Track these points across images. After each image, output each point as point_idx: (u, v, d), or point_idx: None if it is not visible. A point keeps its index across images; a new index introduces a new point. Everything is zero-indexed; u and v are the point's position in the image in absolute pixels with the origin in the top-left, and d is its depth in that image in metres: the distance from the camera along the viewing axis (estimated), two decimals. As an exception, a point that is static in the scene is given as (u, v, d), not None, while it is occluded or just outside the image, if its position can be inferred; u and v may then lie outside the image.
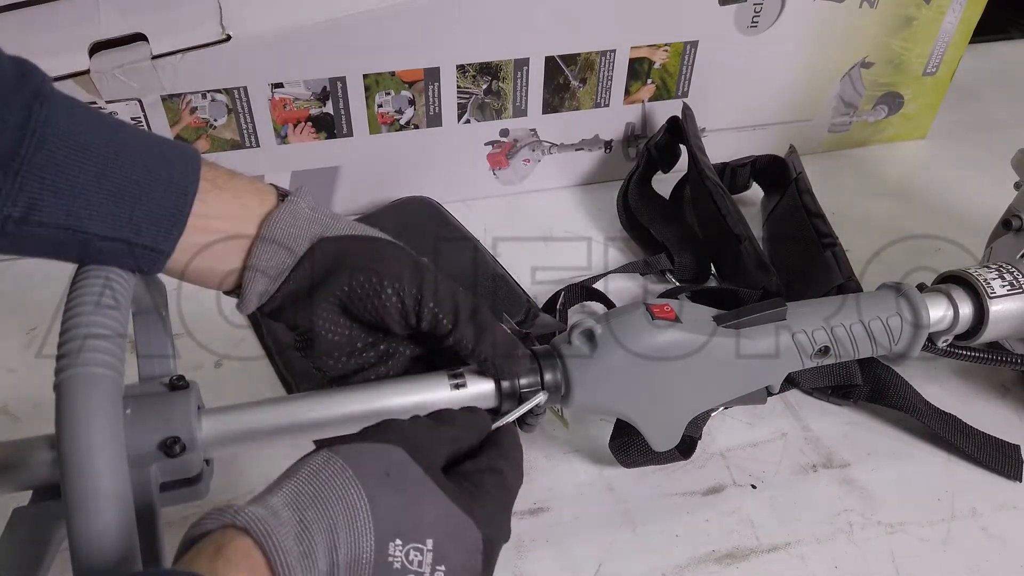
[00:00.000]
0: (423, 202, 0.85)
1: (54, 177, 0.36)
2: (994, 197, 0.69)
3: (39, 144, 0.36)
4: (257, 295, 0.45)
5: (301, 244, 0.44)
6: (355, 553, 0.35)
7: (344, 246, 0.45)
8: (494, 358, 0.46)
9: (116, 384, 0.35)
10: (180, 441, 0.40)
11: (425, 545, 0.37)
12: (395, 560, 0.36)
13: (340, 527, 0.35)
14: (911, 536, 0.57)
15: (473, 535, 0.39)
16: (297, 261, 0.44)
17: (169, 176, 0.40)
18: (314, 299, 0.45)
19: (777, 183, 0.86)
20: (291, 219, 0.44)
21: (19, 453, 0.41)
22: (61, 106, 0.37)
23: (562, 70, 0.82)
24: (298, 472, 0.37)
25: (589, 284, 0.74)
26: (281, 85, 0.74)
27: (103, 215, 0.38)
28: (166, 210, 0.40)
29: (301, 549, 0.34)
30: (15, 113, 0.35)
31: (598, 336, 0.50)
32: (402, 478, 0.38)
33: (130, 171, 0.38)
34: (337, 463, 0.37)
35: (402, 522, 0.37)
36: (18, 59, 0.37)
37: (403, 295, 0.44)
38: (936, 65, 0.96)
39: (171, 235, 0.40)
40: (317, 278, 0.44)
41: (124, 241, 0.39)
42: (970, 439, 0.63)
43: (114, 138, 0.39)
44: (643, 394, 0.52)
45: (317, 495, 0.36)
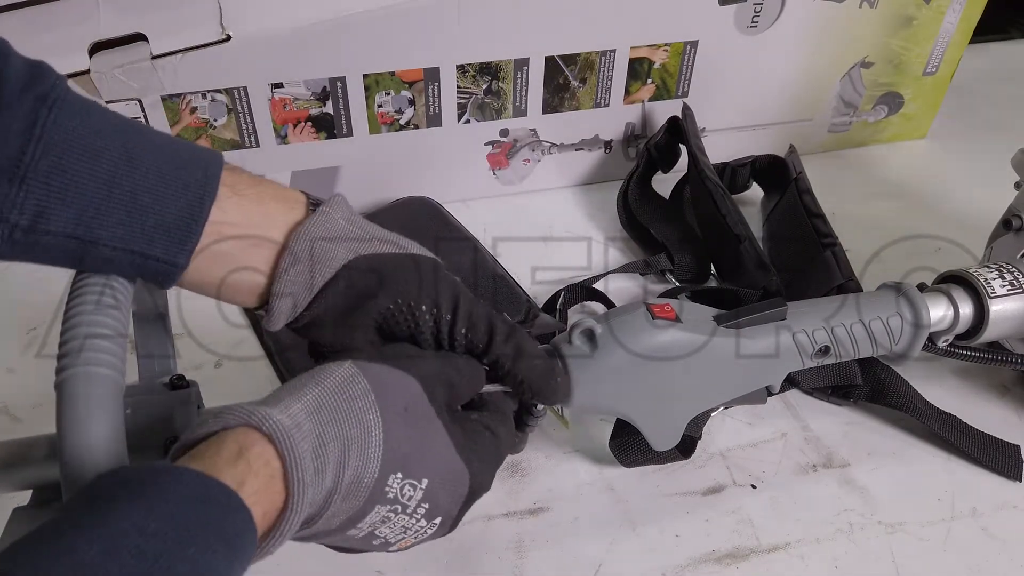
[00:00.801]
0: (423, 202, 0.85)
1: (61, 183, 0.35)
2: (994, 197, 0.69)
3: (45, 150, 0.34)
4: (286, 312, 0.42)
5: (335, 261, 0.42)
6: (358, 476, 0.36)
7: (383, 265, 0.43)
8: (530, 381, 0.45)
9: (117, 384, 0.35)
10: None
11: (420, 483, 0.38)
12: (390, 491, 0.37)
13: (353, 449, 0.35)
14: (911, 536, 0.57)
15: (463, 484, 0.40)
16: (330, 279, 0.42)
17: (185, 183, 0.38)
18: (349, 322, 0.43)
19: (777, 183, 0.86)
20: (324, 232, 0.42)
21: (19, 452, 0.41)
22: (72, 110, 0.36)
23: (562, 70, 0.82)
24: (323, 382, 0.36)
25: (589, 284, 0.74)
26: (281, 85, 0.74)
27: (114, 224, 0.36)
28: (179, 218, 0.38)
29: (316, 464, 0.34)
30: (20, 118, 0.34)
31: (598, 336, 0.50)
32: (417, 415, 0.38)
33: (143, 177, 0.37)
34: (362, 384, 0.37)
35: (408, 458, 0.37)
36: (34, 62, 0.36)
37: (439, 320, 0.43)
38: (936, 65, 0.96)
39: (184, 245, 0.38)
40: (352, 301, 0.42)
41: (136, 252, 0.37)
42: (970, 439, 0.63)
43: (128, 143, 0.37)
44: (643, 394, 0.52)
45: (338, 412, 0.36)
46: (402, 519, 0.38)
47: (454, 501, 0.40)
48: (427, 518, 0.39)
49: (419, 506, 0.38)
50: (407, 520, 0.39)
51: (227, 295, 0.42)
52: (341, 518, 0.37)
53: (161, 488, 0.29)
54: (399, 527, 0.39)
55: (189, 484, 0.30)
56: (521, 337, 0.45)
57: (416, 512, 0.39)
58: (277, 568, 0.52)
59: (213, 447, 0.33)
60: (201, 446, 0.33)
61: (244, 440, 0.33)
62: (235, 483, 0.31)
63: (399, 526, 0.39)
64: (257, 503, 0.32)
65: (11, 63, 0.35)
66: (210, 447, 0.33)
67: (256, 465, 0.32)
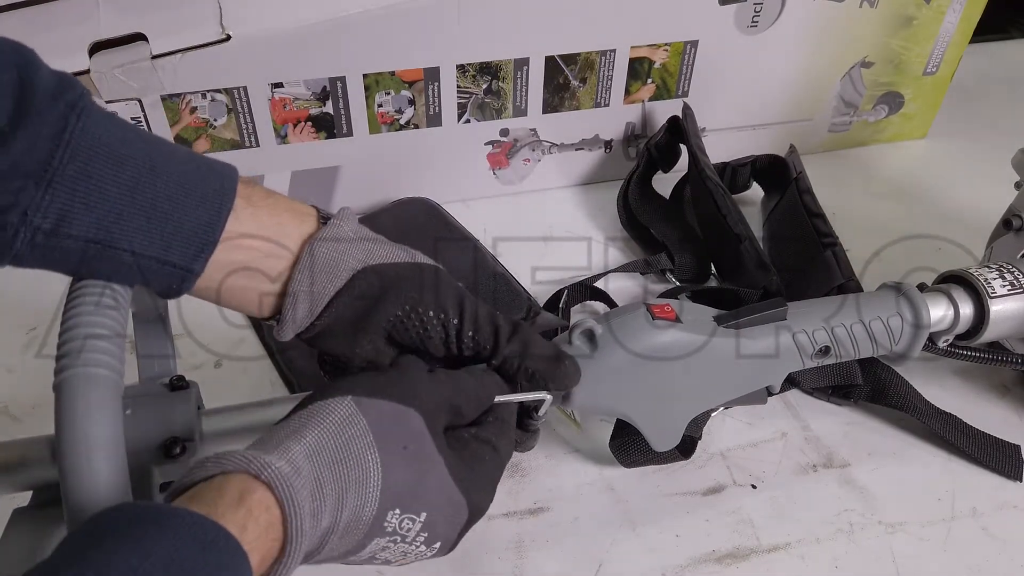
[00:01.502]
0: (422, 203, 0.85)
1: (86, 189, 0.35)
2: (995, 197, 0.69)
3: (72, 155, 0.35)
4: (296, 322, 0.43)
5: (344, 271, 0.43)
6: (356, 515, 0.36)
7: (389, 275, 0.44)
8: (541, 372, 0.46)
9: (116, 384, 0.35)
10: (180, 442, 0.41)
11: (419, 516, 0.38)
12: (389, 525, 0.38)
13: (350, 491, 0.36)
14: (911, 536, 0.57)
15: (462, 513, 0.41)
16: (339, 289, 0.43)
17: (204, 193, 0.39)
18: (359, 331, 0.43)
19: (777, 183, 0.86)
20: (334, 244, 0.43)
21: (19, 454, 0.41)
22: (99, 119, 0.36)
23: (562, 70, 0.82)
24: (322, 422, 0.37)
25: (590, 283, 0.74)
26: (281, 85, 0.74)
27: (134, 230, 0.37)
28: (198, 226, 0.38)
29: (312, 507, 0.34)
30: (50, 124, 0.35)
31: (598, 336, 0.50)
32: (416, 452, 0.39)
33: (164, 186, 0.37)
34: (361, 424, 0.37)
35: (406, 496, 0.38)
36: (60, 73, 0.37)
37: (447, 325, 0.44)
38: (936, 65, 0.96)
39: (201, 253, 0.39)
40: (361, 309, 0.43)
41: (153, 258, 0.38)
42: (970, 439, 0.63)
43: (151, 153, 0.38)
44: (643, 394, 0.52)
45: (337, 454, 0.36)
46: (401, 547, 0.39)
47: (453, 528, 0.41)
48: (426, 544, 0.40)
49: (418, 535, 0.39)
50: (406, 547, 0.39)
51: (237, 304, 0.43)
52: (341, 551, 0.37)
53: (165, 529, 0.29)
54: (399, 552, 0.40)
55: (193, 527, 0.30)
56: (525, 332, 0.46)
57: (415, 541, 0.39)
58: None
59: (214, 491, 0.33)
60: (200, 487, 0.33)
61: (244, 486, 0.33)
62: (237, 529, 0.31)
63: (399, 552, 0.39)
64: (255, 549, 0.32)
65: (41, 73, 0.36)
66: (210, 490, 0.33)
67: (257, 511, 0.32)
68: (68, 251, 0.36)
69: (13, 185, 0.34)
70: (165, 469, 0.41)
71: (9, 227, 0.35)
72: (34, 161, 0.34)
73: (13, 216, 0.35)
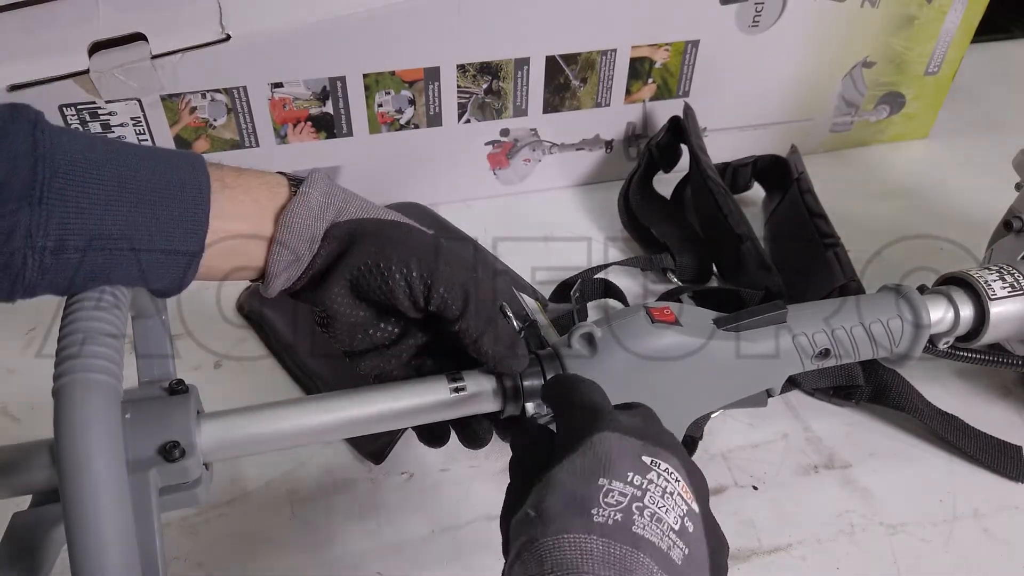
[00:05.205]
0: (415, 208, 0.84)
1: (77, 197, 0.36)
2: (996, 198, 0.69)
3: (54, 169, 0.35)
4: (278, 289, 0.46)
5: (316, 237, 0.45)
6: None
7: (353, 229, 0.45)
8: (494, 352, 0.47)
9: (115, 389, 0.35)
10: (179, 446, 0.40)
11: None
12: None
13: None
14: (913, 537, 0.57)
15: None
16: (315, 252, 0.45)
17: (181, 179, 0.40)
18: (326, 282, 0.45)
19: (779, 183, 0.85)
20: (304, 215, 0.44)
21: (19, 458, 0.40)
22: (59, 131, 0.37)
23: (562, 69, 0.82)
24: None
25: (588, 276, 0.74)
26: (281, 85, 0.74)
27: (132, 225, 0.37)
28: (186, 211, 0.39)
29: None
30: (19, 141, 0.35)
31: (598, 339, 0.50)
32: None
33: (145, 180, 0.38)
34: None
35: None
36: (6, 102, 0.37)
37: (411, 279, 0.44)
38: (938, 64, 0.95)
39: (197, 234, 0.40)
40: (328, 262, 0.45)
41: (158, 251, 0.39)
42: (972, 440, 0.63)
43: (117, 153, 0.38)
44: (643, 397, 0.51)
45: None
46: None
47: None
48: None
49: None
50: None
51: (222, 277, 0.45)
52: None
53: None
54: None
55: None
56: (493, 308, 0.47)
57: None
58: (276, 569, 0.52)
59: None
60: None
61: None
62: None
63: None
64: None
65: None
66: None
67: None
68: (78, 265, 0.36)
69: (7, 208, 0.34)
70: (164, 473, 0.41)
71: (17, 254, 0.35)
72: (20, 181, 0.34)
73: (17, 240, 0.35)
